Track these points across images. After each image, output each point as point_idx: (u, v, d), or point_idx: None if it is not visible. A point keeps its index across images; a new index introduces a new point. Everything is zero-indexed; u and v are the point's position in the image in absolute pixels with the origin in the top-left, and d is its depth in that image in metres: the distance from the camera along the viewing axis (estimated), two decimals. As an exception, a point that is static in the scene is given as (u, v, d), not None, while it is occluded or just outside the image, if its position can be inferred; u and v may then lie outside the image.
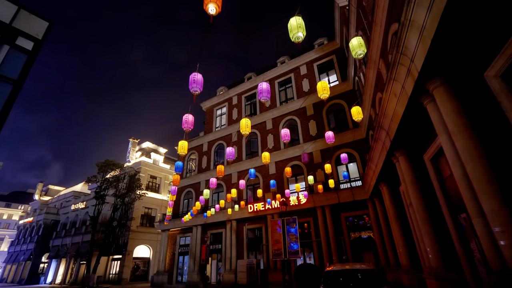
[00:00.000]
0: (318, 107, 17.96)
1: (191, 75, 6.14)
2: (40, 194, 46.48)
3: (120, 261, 25.20)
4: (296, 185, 12.21)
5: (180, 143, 6.25)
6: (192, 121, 6.13)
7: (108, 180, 21.18)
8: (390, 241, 11.93)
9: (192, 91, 5.99)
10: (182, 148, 6.04)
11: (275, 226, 7.49)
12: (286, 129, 10.23)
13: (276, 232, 7.36)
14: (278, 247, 7.23)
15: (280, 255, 7.11)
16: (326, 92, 6.27)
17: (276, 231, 7.34)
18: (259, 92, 5.99)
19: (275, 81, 21.20)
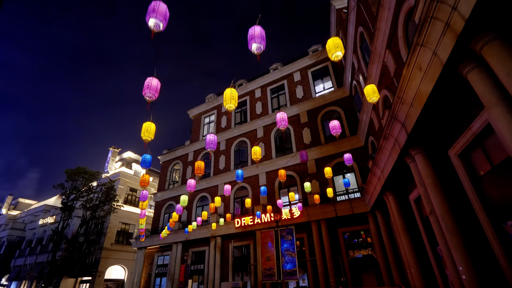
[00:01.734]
0: (312, 114, 16.92)
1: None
2: (8, 208, 42.72)
3: (90, 283, 22.42)
4: (291, 194, 10.78)
5: (145, 125, 4.71)
6: (157, 87, 4.70)
7: (78, 189, 19.00)
8: (396, 260, 10.50)
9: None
10: (148, 132, 4.55)
11: (266, 239, 5.97)
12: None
13: (267, 247, 5.85)
14: (269, 266, 5.69)
15: (272, 276, 5.55)
16: (340, 49, 4.93)
17: (267, 246, 5.85)
18: (250, 38, 4.43)
19: (267, 88, 20.24)
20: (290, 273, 5.34)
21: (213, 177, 19.25)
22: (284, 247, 5.54)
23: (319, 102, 16.91)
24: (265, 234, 5.94)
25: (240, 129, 19.80)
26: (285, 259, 5.28)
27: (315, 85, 18.18)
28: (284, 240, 5.55)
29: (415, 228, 8.40)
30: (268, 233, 5.88)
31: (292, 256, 5.28)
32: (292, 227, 5.60)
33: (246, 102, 21.09)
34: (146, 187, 6.47)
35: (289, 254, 5.29)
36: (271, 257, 5.46)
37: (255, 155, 6.89)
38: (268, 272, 5.45)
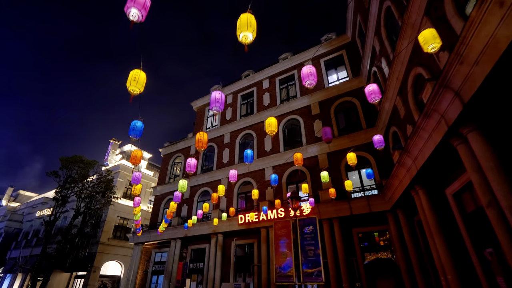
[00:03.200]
0: (325, 106, 15.69)
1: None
2: (8, 200, 42.08)
3: (84, 279, 21.40)
4: (304, 186, 9.55)
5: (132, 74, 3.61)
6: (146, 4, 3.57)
7: (73, 178, 17.95)
8: (420, 265, 9.22)
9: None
10: (135, 81, 3.50)
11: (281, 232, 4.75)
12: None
13: (283, 242, 4.61)
14: (285, 265, 4.48)
15: (289, 277, 4.31)
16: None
17: (283, 239, 4.62)
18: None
19: (276, 78, 19.06)
20: (312, 274, 4.13)
21: (216, 171, 18.11)
22: (305, 242, 4.34)
23: (332, 92, 15.69)
24: (280, 226, 4.77)
25: (246, 121, 18.64)
26: (306, 257, 4.12)
27: (328, 75, 16.96)
28: (304, 234, 4.38)
29: (452, 228, 7.13)
30: (283, 225, 4.72)
31: (316, 253, 4.08)
32: (315, 216, 4.40)
33: (253, 93, 19.94)
34: (134, 160, 5.38)
35: (311, 250, 4.13)
36: (287, 254, 4.28)
37: (270, 127, 5.67)
38: (283, 272, 4.24)
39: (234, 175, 7.97)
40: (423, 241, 9.30)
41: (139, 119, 4.90)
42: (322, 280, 3.66)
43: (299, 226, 4.29)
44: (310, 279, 3.94)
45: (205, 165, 19.67)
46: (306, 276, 4.00)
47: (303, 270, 4.02)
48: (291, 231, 4.31)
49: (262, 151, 16.71)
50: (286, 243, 4.24)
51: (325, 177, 9.42)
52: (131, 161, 5.43)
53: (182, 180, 7.30)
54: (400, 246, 10.26)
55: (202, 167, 19.60)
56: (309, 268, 3.95)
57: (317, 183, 13.69)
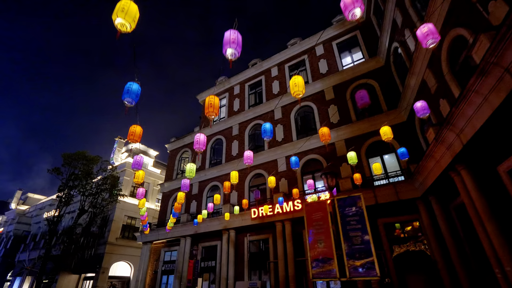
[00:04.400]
0: (339, 90, 14.63)
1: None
2: (17, 203, 42.04)
3: (93, 280, 20.80)
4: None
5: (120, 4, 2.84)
6: None
7: (76, 175, 17.26)
8: (461, 257, 8.15)
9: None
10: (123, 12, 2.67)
11: (316, 214, 3.82)
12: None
13: (318, 227, 3.71)
14: (324, 255, 3.57)
15: (331, 272, 3.44)
16: None
17: (318, 225, 3.71)
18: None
19: (285, 65, 18.04)
20: (361, 267, 3.23)
21: (225, 164, 17.22)
22: (348, 227, 3.44)
23: (347, 75, 14.61)
24: (313, 208, 3.87)
25: (254, 111, 17.69)
26: (351, 245, 3.25)
27: (342, 58, 15.87)
28: (346, 216, 3.48)
29: (507, 212, 6.06)
30: (318, 207, 3.83)
31: (364, 239, 3.20)
32: (360, 194, 3.53)
33: (261, 82, 18.96)
34: (135, 142, 4.53)
35: (357, 237, 3.26)
36: (326, 244, 3.39)
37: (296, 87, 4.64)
38: (322, 266, 3.35)
39: (250, 157, 7.03)
40: (463, 230, 8.24)
41: (135, 81, 4.01)
42: (376, 274, 2.82)
43: (338, 207, 3.42)
44: (359, 273, 3.05)
45: (213, 159, 18.82)
46: (353, 270, 3.11)
47: (349, 262, 3.14)
48: (328, 214, 3.42)
49: (274, 141, 15.74)
50: (323, 229, 3.35)
51: (353, 158, 8.35)
52: (128, 137, 4.58)
53: (190, 164, 6.42)
54: (434, 237, 9.20)
55: (211, 161, 18.74)
56: (357, 260, 3.08)
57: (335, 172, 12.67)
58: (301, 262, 11.83)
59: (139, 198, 8.36)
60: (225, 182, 9.48)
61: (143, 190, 8.55)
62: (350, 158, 8.36)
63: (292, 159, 8.18)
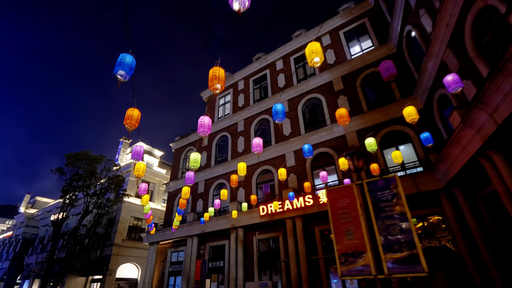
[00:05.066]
0: (349, 80, 13.96)
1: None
2: (26, 207, 42.27)
3: (100, 282, 20.49)
4: (342, 160, 7.93)
5: None
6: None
7: (80, 175, 16.89)
8: (491, 252, 7.44)
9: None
10: None
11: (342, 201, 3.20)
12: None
13: (345, 215, 3.11)
14: (354, 248, 2.94)
15: (365, 268, 2.85)
16: None
17: (345, 213, 3.10)
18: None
19: (290, 57, 17.43)
20: (404, 261, 2.67)
21: (231, 161, 16.69)
22: (382, 214, 2.86)
23: (356, 64, 13.94)
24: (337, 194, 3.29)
25: (260, 106, 17.12)
26: (388, 235, 2.69)
27: (350, 47, 15.19)
28: (379, 202, 2.90)
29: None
30: (344, 193, 3.23)
31: (404, 228, 2.66)
32: (394, 175, 2.99)
33: (266, 76, 18.38)
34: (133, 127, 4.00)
35: (395, 225, 2.71)
36: (356, 235, 2.80)
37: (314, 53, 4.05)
38: (353, 260, 2.76)
39: (259, 145, 6.44)
40: (494, 223, 7.53)
41: (128, 52, 3.48)
42: (423, 269, 2.33)
43: (368, 192, 2.86)
44: (400, 268, 2.51)
45: (219, 156, 18.30)
46: (392, 265, 2.56)
47: (386, 256, 2.59)
48: (356, 200, 2.87)
49: (281, 136, 15.15)
50: (352, 218, 2.79)
51: (372, 144, 7.65)
52: (125, 122, 4.05)
53: (194, 153, 5.87)
54: (459, 231, 8.49)
55: (216, 158, 18.23)
56: (396, 252, 2.53)
57: (362, 152, 12.04)
58: (313, 261, 11.22)
59: (142, 194, 7.83)
60: (232, 176, 8.92)
61: (145, 185, 8.02)
62: (369, 145, 7.66)
63: (305, 147, 7.56)
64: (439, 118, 9.97)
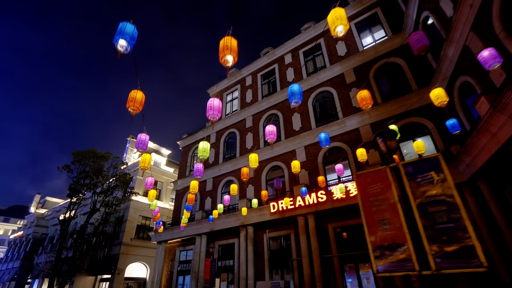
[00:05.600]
0: (361, 72, 13.45)
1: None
2: (36, 207, 42.71)
3: (109, 282, 20.36)
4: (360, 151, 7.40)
5: None
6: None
7: (87, 173, 16.76)
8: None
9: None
10: None
11: (374, 187, 2.83)
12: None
13: (378, 202, 2.73)
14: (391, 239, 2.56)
15: (407, 262, 2.48)
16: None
17: (378, 200, 2.74)
18: None
19: (299, 51, 16.97)
20: (454, 255, 2.31)
21: (239, 158, 16.32)
22: (426, 200, 2.51)
23: (369, 55, 13.41)
24: (368, 179, 2.88)
25: (268, 101, 16.71)
26: (434, 225, 2.33)
27: (362, 38, 14.65)
28: (421, 186, 2.54)
29: None
30: (375, 177, 2.84)
31: (453, 216, 2.32)
32: (438, 155, 2.59)
33: (274, 71, 17.96)
34: (137, 110, 3.66)
35: (441, 213, 2.36)
36: (393, 224, 2.43)
37: None
38: (390, 253, 2.40)
39: (273, 132, 6.01)
40: (526, 217, 6.97)
41: (129, 21, 3.12)
42: (481, 263, 1.98)
43: (406, 176, 2.48)
44: (451, 263, 2.13)
45: (227, 153, 17.97)
46: (441, 259, 2.18)
47: (432, 248, 2.22)
48: (391, 185, 2.51)
49: (291, 131, 14.72)
50: (387, 205, 2.41)
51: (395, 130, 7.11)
52: (128, 105, 3.70)
53: (202, 142, 5.50)
54: (485, 226, 7.94)
55: (224, 155, 17.90)
56: (445, 244, 2.15)
57: (393, 132, 11.55)
58: (327, 259, 10.76)
59: (148, 188, 7.49)
60: (242, 169, 8.52)
61: (152, 179, 7.68)
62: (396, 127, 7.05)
63: (322, 136, 7.10)
64: (460, 108, 9.41)
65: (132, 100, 3.85)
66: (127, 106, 3.82)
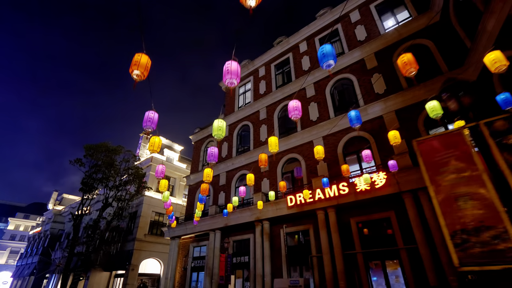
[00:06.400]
0: (383, 56, 12.53)
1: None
2: (54, 204, 43.70)
3: (123, 278, 20.27)
4: (393, 133, 6.61)
5: None
6: None
7: (99, 167, 16.56)
8: None
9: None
10: None
11: (444, 155, 2.24)
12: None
13: (452, 173, 2.16)
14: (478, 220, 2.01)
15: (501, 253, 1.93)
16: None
17: (452, 170, 2.15)
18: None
19: (315, 38, 16.15)
20: None
21: (253, 150, 15.72)
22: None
23: (392, 38, 12.48)
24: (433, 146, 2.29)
25: (283, 92, 15.99)
26: None
27: (383, 21, 13.70)
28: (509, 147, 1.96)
29: None
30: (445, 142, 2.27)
31: None
32: None
33: (288, 60, 17.21)
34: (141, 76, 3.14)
35: None
36: (475, 197, 1.88)
37: None
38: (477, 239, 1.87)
39: (298, 108, 5.25)
40: None
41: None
42: None
43: (491, 136, 1.92)
44: None
45: (240, 146, 17.40)
46: None
47: None
48: (471, 151, 1.97)
49: (307, 121, 13.97)
50: (467, 177, 1.88)
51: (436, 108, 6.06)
52: (131, 69, 3.17)
53: (217, 120, 4.88)
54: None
55: (238, 149, 17.33)
56: None
57: (385, 150, 10.72)
58: (350, 256, 10.01)
59: (159, 177, 6.96)
60: (260, 155, 7.84)
61: (162, 167, 7.15)
62: (432, 110, 6.09)
63: (352, 114, 6.30)
64: (501, 89, 8.42)
65: (135, 63, 3.28)
66: (129, 71, 3.26)
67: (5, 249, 49.07)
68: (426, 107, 6.22)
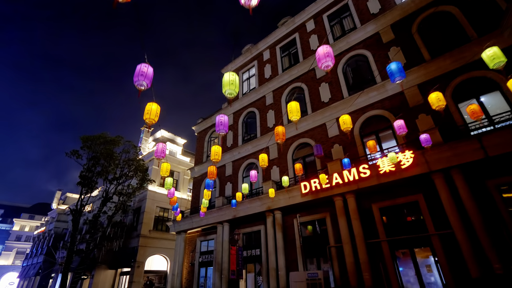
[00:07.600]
0: (400, 27, 11.45)
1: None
2: (57, 203, 43.24)
3: (129, 275, 19.60)
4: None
5: None
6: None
7: (98, 159, 15.69)
8: None
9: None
10: None
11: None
12: None
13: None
14: None
15: None
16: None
17: None
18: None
19: (323, 15, 15.03)
20: None
21: (260, 138, 14.78)
22: None
23: (409, 8, 11.38)
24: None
25: (291, 74, 14.97)
26: None
27: (398, -9, 12.57)
28: None
29: None
30: None
31: None
32: None
33: (295, 41, 16.14)
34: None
35: None
36: None
37: None
38: None
39: (330, 54, 4.23)
40: None
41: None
42: None
43: None
44: None
45: (246, 134, 16.47)
46: None
47: None
48: None
49: (319, 103, 12.99)
50: None
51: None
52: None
53: (227, 73, 4.01)
54: None
55: (243, 137, 16.41)
56: None
57: (408, 128, 9.71)
58: (373, 245, 9.11)
59: (159, 157, 6.02)
60: (276, 128, 6.81)
61: (163, 145, 6.20)
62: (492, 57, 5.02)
63: (393, 66, 5.14)
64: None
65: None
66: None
67: (11, 250, 48.92)
68: (483, 57, 5.21)
